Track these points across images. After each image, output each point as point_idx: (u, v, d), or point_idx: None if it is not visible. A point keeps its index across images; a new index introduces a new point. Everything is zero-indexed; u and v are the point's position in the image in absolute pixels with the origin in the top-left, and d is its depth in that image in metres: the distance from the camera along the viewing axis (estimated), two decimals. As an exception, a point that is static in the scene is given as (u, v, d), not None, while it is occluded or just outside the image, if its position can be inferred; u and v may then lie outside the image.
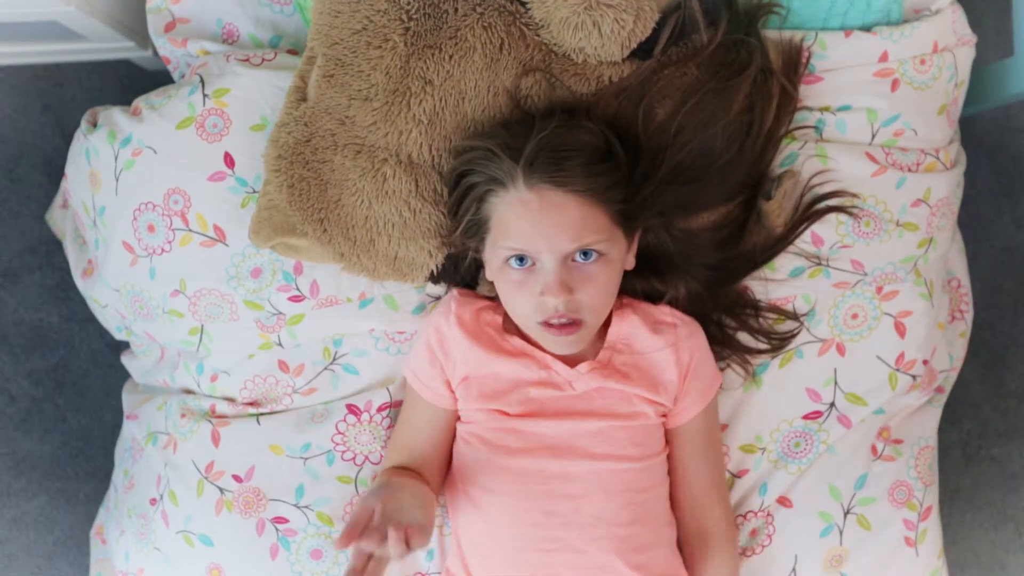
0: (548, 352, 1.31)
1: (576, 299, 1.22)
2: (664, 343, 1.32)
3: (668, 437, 1.36)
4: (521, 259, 1.23)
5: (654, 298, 1.37)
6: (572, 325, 1.24)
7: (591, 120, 1.29)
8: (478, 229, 1.27)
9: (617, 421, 1.29)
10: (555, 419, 1.29)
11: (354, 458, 1.40)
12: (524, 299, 1.23)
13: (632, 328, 1.33)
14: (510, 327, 1.34)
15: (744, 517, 1.42)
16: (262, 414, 1.42)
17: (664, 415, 1.33)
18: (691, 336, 1.34)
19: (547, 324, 1.24)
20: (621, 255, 1.28)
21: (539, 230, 1.20)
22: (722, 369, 1.40)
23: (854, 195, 1.38)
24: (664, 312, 1.35)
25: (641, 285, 1.36)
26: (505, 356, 1.31)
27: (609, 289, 1.26)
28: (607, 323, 1.33)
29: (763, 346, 1.39)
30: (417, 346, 1.37)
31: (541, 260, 1.22)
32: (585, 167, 1.22)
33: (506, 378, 1.31)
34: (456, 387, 1.33)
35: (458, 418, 1.35)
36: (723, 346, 1.39)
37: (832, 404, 1.41)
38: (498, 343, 1.32)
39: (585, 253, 1.22)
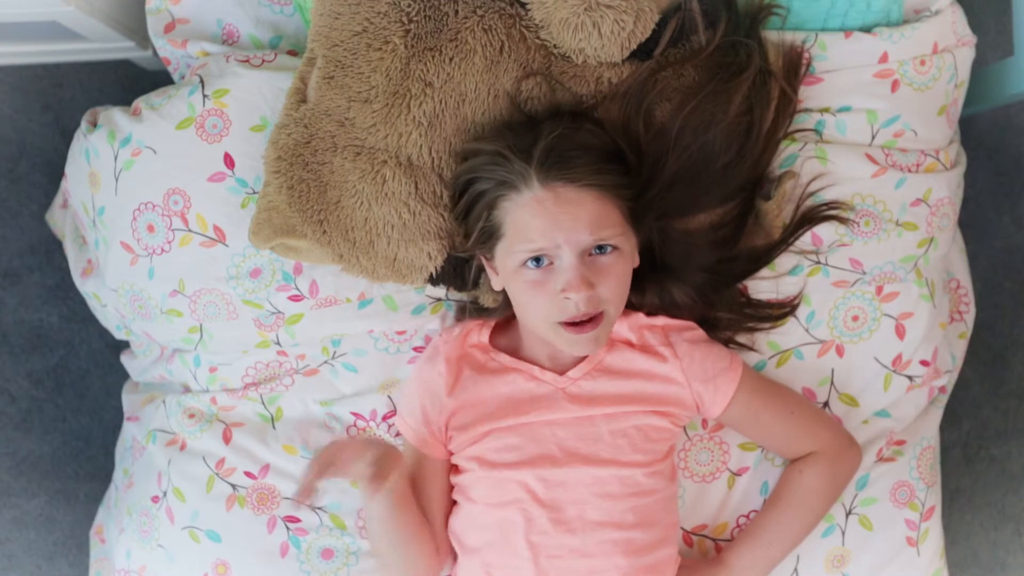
0: (536, 364, 1.31)
1: (597, 294, 1.22)
2: (659, 342, 1.33)
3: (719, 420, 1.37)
4: (538, 260, 1.23)
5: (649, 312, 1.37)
6: (593, 321, 1.23)
7: (595, 125, 1.30)
8: (490, 236, 1.26)
9: (616, 423, 1.29)
10: (551, 428, 1.29)
11: None
12: (542, 300, 1.23)
13: (627, 331, 1.34)
14: (499, 342, 1.35)
15: (747, 516, 1.42)
16: (270, 402, 1.42)
17: (665, 414, 1.32)
18: (682, 331, 1.34)
19: (566, 324, 1.24)
20: (633, 251, 1.28)
21: (557, 225, 1.21)
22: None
23: (849, 207, 1.37)
24: (655, 320, 1.35)
25: (638, 295, 1.35)
26: (489, 376, 1.31)
27: (624, 283, 1.27)
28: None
29: (764, 325, 1.39)
30: (405, 390, 1.38)
31: (560, 256, 1.22)
32: (594, 165, 1.23)
33: (494, 401, 1.31)
34: (448, 426, 1.33)
35: (454, 468, 1.35)
36: (725, 330, 1.39)
37: (826, 404, 1.41)
38: (482, 365, 1.33)
39: (601, 248, 1.23)
